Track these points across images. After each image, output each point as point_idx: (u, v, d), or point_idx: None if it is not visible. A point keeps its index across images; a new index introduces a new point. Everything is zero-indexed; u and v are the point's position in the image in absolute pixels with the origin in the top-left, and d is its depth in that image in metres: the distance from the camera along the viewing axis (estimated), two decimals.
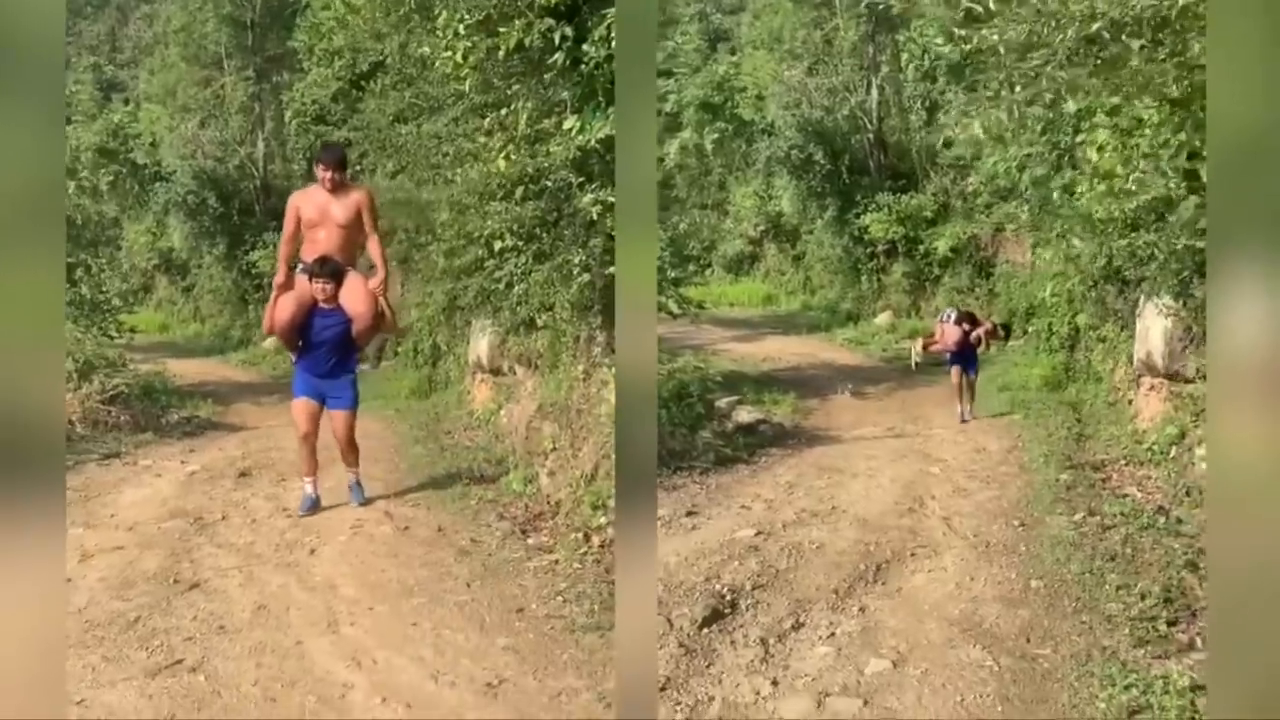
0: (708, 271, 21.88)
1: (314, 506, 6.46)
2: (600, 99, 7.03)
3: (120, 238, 19.42)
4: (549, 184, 7.60)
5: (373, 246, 6.55)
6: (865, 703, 3.71)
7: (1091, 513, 6.22)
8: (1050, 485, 7.11)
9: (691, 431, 8.49)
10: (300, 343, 6.44)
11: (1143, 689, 3.72)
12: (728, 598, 4.77)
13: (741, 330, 19.36)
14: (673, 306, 13.76)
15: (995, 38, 4.18)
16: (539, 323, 8.38)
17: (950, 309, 11.98)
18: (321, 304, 6.31)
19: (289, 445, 5.72)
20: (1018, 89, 4.00)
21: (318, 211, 6.38)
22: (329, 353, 6.41)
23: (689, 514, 6.49)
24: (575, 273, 7.51)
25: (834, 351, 16.58)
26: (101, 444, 9.24)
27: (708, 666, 4.05)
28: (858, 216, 18.81)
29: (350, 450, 6.63)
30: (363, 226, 6.50)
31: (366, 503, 6.59)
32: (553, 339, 8.33)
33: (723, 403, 10.11)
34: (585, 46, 6.82)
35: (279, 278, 6.40)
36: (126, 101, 36.30)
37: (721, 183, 25.56)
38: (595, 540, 5.62)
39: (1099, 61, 3.77)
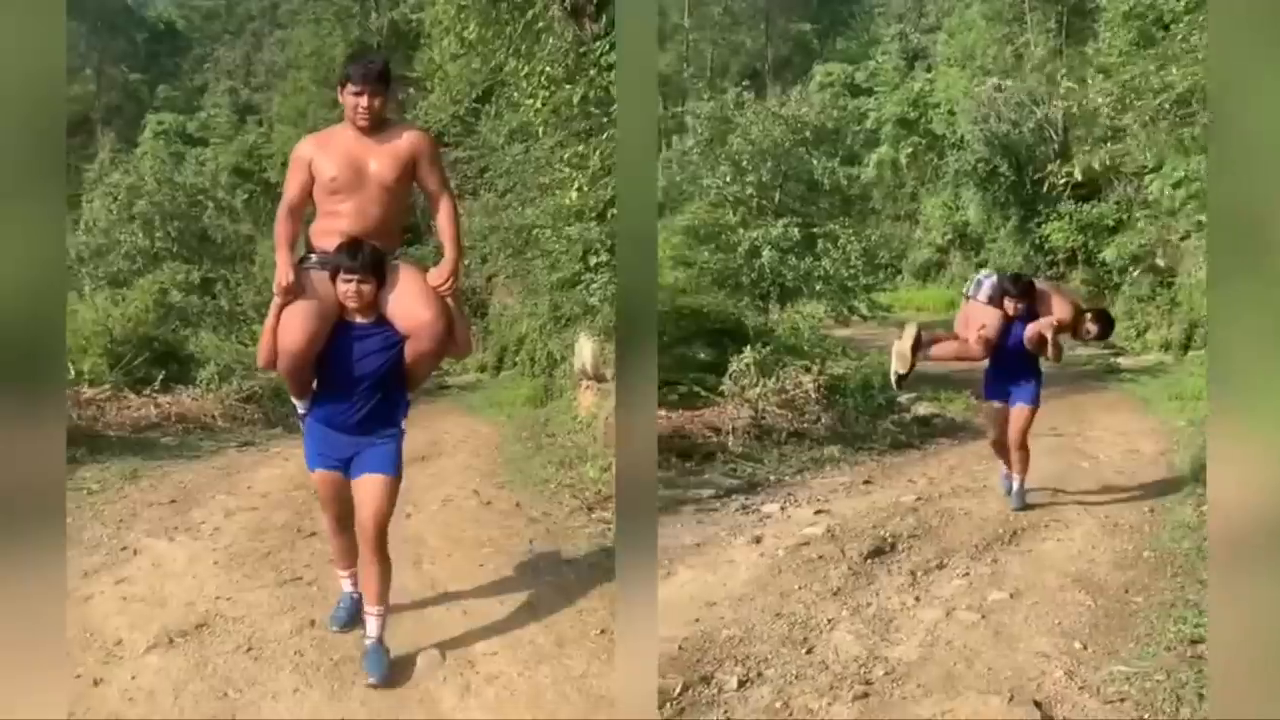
0: (898, 278, 22.76)
1: (355, 614, 4.39)
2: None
3: (255, 253, 20.43)
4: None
5: (444, 219, 4.13)
6: (982, 617, 4.80)
7: None
8: (1189, 481, 7.61)
9: (873, 419, 9.80)
10: (315, 380, 4.08)
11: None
12: (888, 541, 6.06)
13: None
14: (863, 309, 15.16)
15: (1100, 100, 5.25)
16: None
17: (985, 273, 7.10)
18: (355, 316, 3.98)
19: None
20: (1104, 145, 5.02)
21: (347, 164, 3.94)
22: (367, 393, 4.01)
23: (865, 483, 7.83)
24: None
25: None
26: (239, 435, 10.87)
27: (869, 584, 5.33)
28: (1039, 225, 19.36)
29: (381, 543, 4.02)
30: (414, 188, 4.18)
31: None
32: None
33: (904, 397, 11.29)
34: None
35: (282, 277, 3.87)
36: (260, 123, 38.23)
37: (914, 194, 26.30)
38: None
39: (1178, 120, 4.78)
